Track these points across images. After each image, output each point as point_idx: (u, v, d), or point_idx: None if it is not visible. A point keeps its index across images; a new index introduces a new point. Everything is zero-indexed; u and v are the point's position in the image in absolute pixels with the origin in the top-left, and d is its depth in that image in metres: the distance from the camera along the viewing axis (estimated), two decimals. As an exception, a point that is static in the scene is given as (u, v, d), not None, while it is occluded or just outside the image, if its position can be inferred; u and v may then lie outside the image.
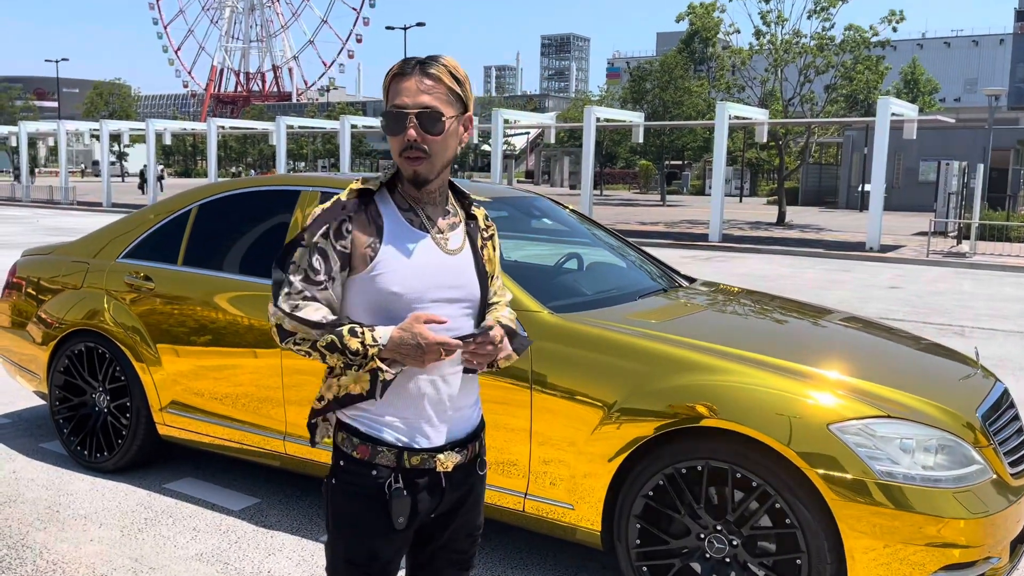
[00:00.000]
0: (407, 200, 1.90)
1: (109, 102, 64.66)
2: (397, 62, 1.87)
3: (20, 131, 36.20)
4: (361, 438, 1.86)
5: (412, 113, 1.80)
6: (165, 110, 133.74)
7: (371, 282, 1.82)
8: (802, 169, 37.68)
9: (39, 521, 3.90)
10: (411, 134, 1.80)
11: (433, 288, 1.86)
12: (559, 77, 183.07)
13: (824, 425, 2.83)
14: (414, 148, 1.81)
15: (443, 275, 1.88)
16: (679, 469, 3.03)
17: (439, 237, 1.90)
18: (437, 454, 1.89)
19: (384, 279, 1.82)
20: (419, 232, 1.88)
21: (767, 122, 22.33)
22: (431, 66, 1.82)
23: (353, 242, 1.83)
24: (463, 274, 1.92)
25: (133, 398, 4.37)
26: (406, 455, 1.86)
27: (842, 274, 15.15)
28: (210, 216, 4.36)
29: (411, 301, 1.83)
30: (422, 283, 1.84)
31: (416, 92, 1.80)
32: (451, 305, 1.89)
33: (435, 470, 1.89)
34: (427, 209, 1.91)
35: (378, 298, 1.83)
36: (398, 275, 1.82)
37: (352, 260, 1.84)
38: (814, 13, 25.68)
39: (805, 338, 3.75)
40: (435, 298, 1.86)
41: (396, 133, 1.82)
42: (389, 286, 1.82)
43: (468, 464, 1.97)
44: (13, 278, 5.00)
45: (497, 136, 23.88)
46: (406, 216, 1.88)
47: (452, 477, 1.93)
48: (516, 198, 4.45)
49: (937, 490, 2.78)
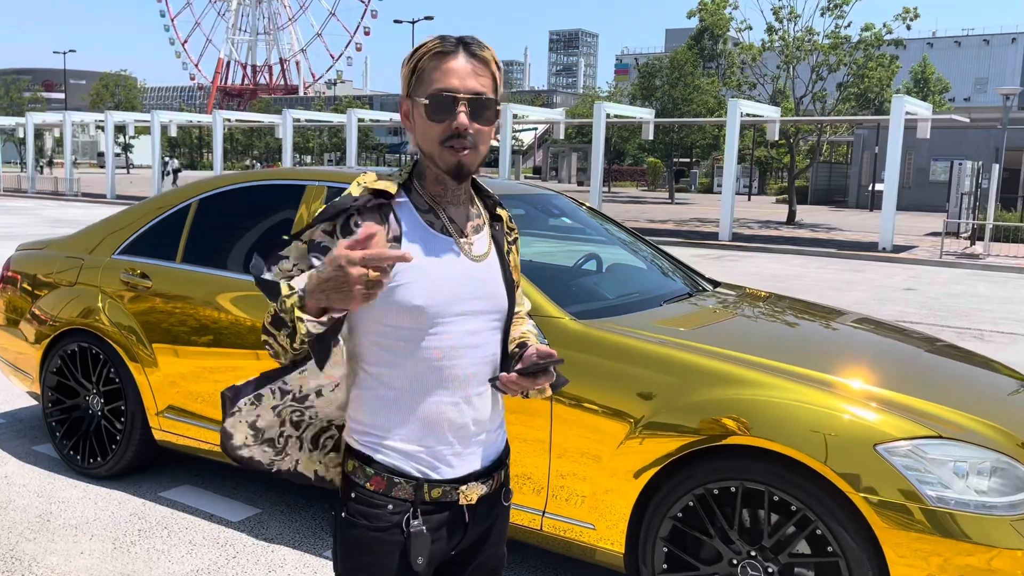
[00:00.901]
0: (427, 200, 1.65)
1: (115, 94, 64.45)
2: (432, 38, 1.61)
3: (27, 122, 36.05)
4: (375, 468, 1.63)
5: (465, 98, 1.57)
6: (171, 102, 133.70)
7: (389, 295, 1.57)
8: (812, 168, 37.34)
9: (29, 530, 3.70)
10: (462, 120, 1.57)
11: (458, 300, 1.62)
12: (567, 73, 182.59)
13: (871, 445, 2.62)
14: (463, 137, 1.58)
15: (469, 285, 1.64)
16: (711, 490, 2.81)
17: (463, 242, 1.66)
18: (460, 485, 1.66)
19: (404, 292, 1.57)
20: (442, 237, 1.64)
21: (779, 120, 22.05)
22: (479, 48, 1.61)
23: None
24: (490, 283, 1.68)
25: (128, 401, 4.17)
26: (426, 487, 1.63)
27: (855, 274, 14.90)
28: (211, 211, 4.15)
29: (434, 316, 1.60)
30: (446, 295, 1.61)
31: (466, 75, 1.58)
32: (477, 318, 1.66)
33: (458, 503, 1.66)
34: (449, 210, 1.67)
35: (397, 313, 1.58)
36: (420, 287, 1.58)
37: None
38: (827, 10, 25.37)
39: (842, 348, 3.53)
40: (460, 311, 1.63)
41: (442, 119, 1.58)
42: (411, 300, 1.57)
43: (493, 495, 1.74)
44: (6, 273, 4.80)
45: (506, 131, 23.65)
46: (426, 218, 1.64)
47: (476, 510, 1.70)
48: (533, 195, 4.23)
49: (992, 517, 2.56)
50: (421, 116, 1.59)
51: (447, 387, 1.64)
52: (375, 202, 1.60)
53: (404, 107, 1.64)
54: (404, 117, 1.65)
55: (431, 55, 1.59)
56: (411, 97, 1.62)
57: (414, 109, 1.61)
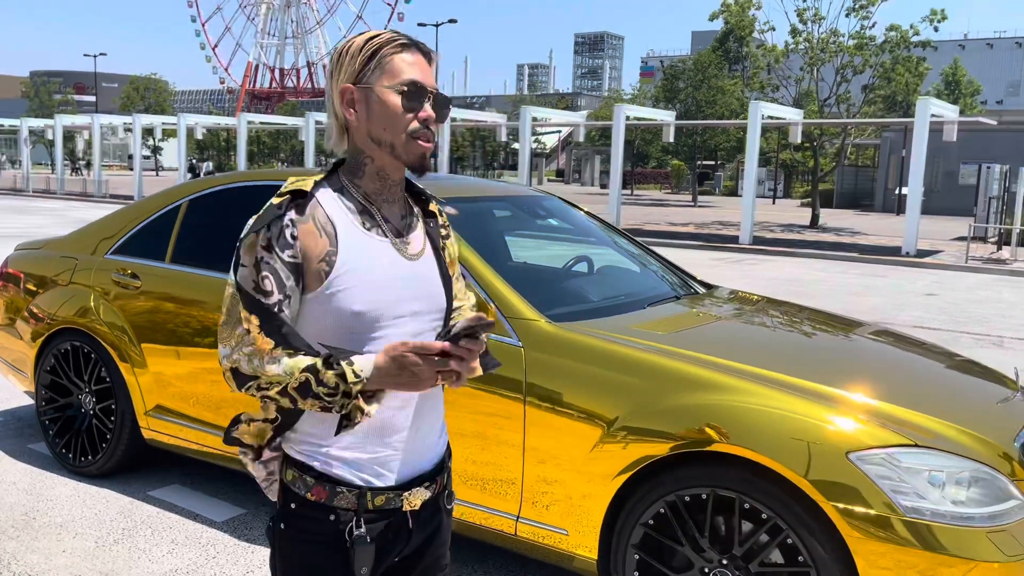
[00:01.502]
0: (360, 199, 1.60)
1: (145, 97, 65.39)
2: (382, 31, 1.60)
3: (56, 124, 36.65)
4: (316, 477, 1.58)
5: (432, 92, 1.58)
6: (201, 105, 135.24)
7: (327, 301, 1.53)
8: (837, 171, 36.92)
9: (13, 528, 3.73)
10: (431, 111, 1.57)
11: (398, 302, 1.59)
12: (592, 76, 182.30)
13: (843, 453, 2.55)
14: (430, 129, 1.58)
15: (408, 286, 1.61)
16: (682, 496, 2.76)
17: (399, 241, 1.62)
18: (403, 492, 1.62)
19: (343, 297, 1.53)
20: (378, 238, 1.59)
21: (801, 122, 21.82)
22: (427, 48, 1.62)
23: (304, 253, 1.53)
24: (428, 282, 1.65)
25: (118, 400, 4.19)
26: (369, 495, 1.59)
27: (876, 279, 14.69)
28: (200, 212, 4.16)
29: (373, 320, 1.56)
30: (386, 298, 1.57)
31: (427, 72, 1.59)
32: (417, 319, 1.62)
33: (401, 509, 1.63)
34: (384, 209, 1.62)
35: (336, 320, 1.54)
36: (359, 291, 1.54)
37: (304, 276, 1.54)
38: (852, 11, 25.07)
39: (828, 354, 3.45)
40: (399, 313, 1.59)
41: (415, 109, 1.56)
42: (350, 305, 1.53)
43: (436, 499, 1.71)
44: (4, 272, 4.85)
45: (525, 134, 23.62)
46: (359, 219, 1.59)
47: (419, 515, 1.67)
48: (520, 196, 4.19)
49: (969, 529, 2.49)
50: (389, 105, 1.55)
51: (391, 392, 1.59)
52: (294, 203, 1.55)
53: (347, 95, 1.58)
54: (347, 106, 1.58)
55: (395, 45, 1.57)
56: (365, 85, 1.56)
57: (370, 97, 1.56)
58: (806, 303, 11.62)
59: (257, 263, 1.52)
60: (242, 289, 1.54)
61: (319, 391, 1.48)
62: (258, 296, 1.52)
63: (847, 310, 10.84)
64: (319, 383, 1.47)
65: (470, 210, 4.01)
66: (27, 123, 38.73)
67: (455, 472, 3.20)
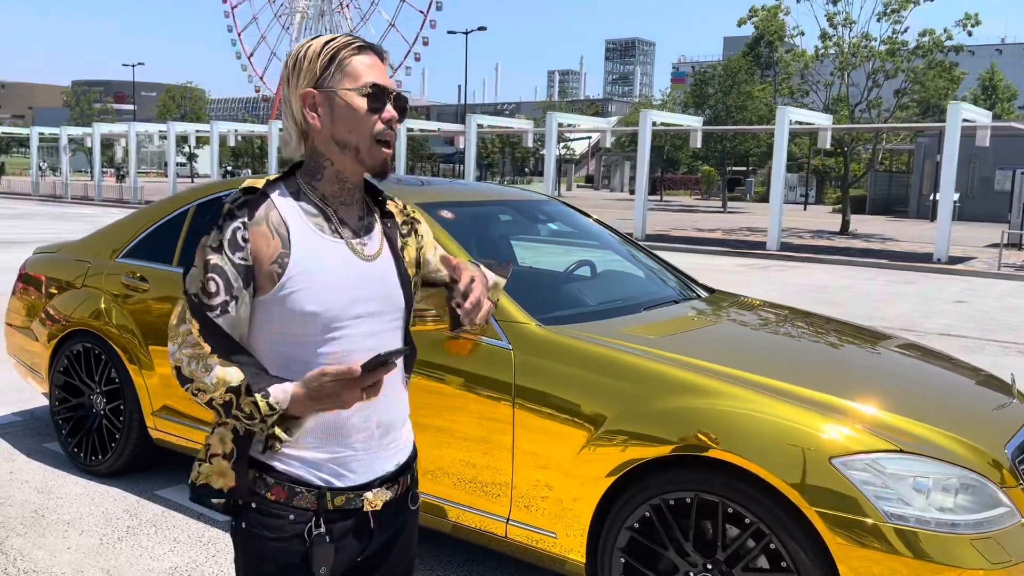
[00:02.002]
0: (317, 202, 1.61)
1: (181, 105, 66.46)
2: (338, 35, 1.62)
3: (94, 133, 37.41)
4: (276, 477, 1.59)
5: (392, 94, 1.58)
6: (236, 113, 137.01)
7: (281, 303, 1.54)
8: (870, 176, 36.47)
9: (22, 525, 3.82)
10: (393, 112, 1.57)
11: (352, 303, 1.59)
12: (623, 82, 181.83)
13: (826, 458, 2.53)
14: (392, 129, 1.58)
15: (364, 286, 1.61)
16: (667, 500, 2.76)
17: (355, 242, 1.63)
18: (364, 492, 1.63)
19: (296, 298, 1.54)
20: (332, 239, 1.60)
21: (831, 127, 21.57)
22: (381, 49, 1.62)
23: (255, 255, 1.54)
24: (384, 282, 1.65)
25: (126, 401, 4.27)
26: (329, 495, 1.59)
27: (905, 286, 14.48)
28: (208, 216, 4.24)
29: (329, 321, 1.56)
30: (341, 298, 1.58)
31: (383, 72, 1.59)
32: (374, 319, 1.63)
33: (362, 510, 1.64)
34: (340, 211, 1.63)
35: (290, 320, 1.55)
36: (312, 292, 1.55)
37: (257, 278, 1.55)
38: (884, 16, 24.77)
39: (819, 359, 3.42)
40: (356, 314, 1.60)
41: (377, 111, 1.56)
42: (303, 306, 1.54)
43: (399, 499, 1.72)
44: (22, 274, 4.97)
45: (551, 140, 23.63)
46: (315, 221, 1.59)
47: (381, 515, 1.68)
48: (519, 201, 4.21)
49: (954, 536, 2.45)
50: (354, 107, 1.55)
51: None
52: (247, 205, 1.55)
53: (308, 100, 1.57)
54: (310, 109, 1.57)
55: (352, 48, 1.58)
56: (327, 89, 1.57)
57: (334, 101, 1.56)
58: (830, 310, 11.44)
59: (205, 264, 1.54)
60: (187, 292, 1.57)
61: (237, 414, 1.52)
62: (203, 298, 1.53)
63: (871, 317, 10.70)
64: (237, 407, 1.51)
65: (474, 214, 4.05)
66: (66, 131, 39.58)
67: (446, 473, 3.22)
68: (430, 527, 3.35)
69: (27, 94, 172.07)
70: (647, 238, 21.77)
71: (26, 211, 28.08)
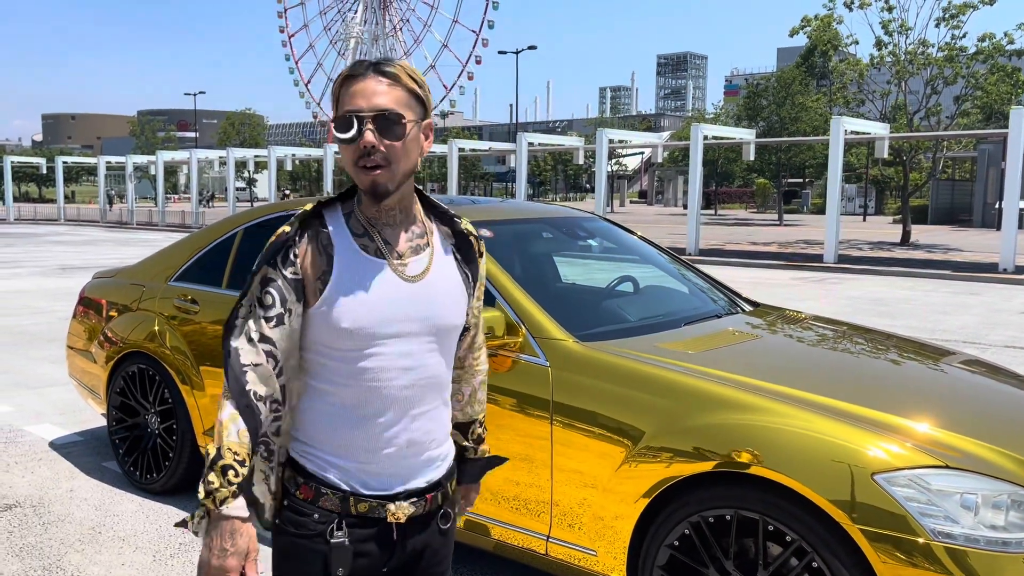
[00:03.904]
0: (363, 223, 1.68)
1: (240, 131, 68.23)
2: (350, 66, 1.66)
3: (157, 160, 38.65)
4: (305, 477, 1.67)
5: (369, 116, 1.59)
6: (293, 138, 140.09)
7: (321, 317, 1.63)
8: (931, 185, 35.55)
9: (80, 542, 3.94)
10: (368, 139, 1.58)
11: (387, 322, 1.64)
12: (675, 96, 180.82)
13: (868, 475, 2.47)
14: (371, 155, 1.60)
15: (401, 307, 1.66)
16: (706, 517, 2.72)
17: (397, 263, 1.67)
18: (388, 503, 1.68)
19: (333, 314, 1.61)
20: (374, 259, 1.66)
21: (887, 136, 21.12)
22: (387, 65, 1.63)
23: (304, 270, 1.64)
24: (427, 303, 1.69)
25: (179, 420, 4.39)
26: (352, 500, 1.66)
27: (969, 298, 14.05)
28: (255, 239, 4.35)
29: (363, 338, 1.63)
30: (376, 317, 1.63)
31: (372, 94, 1.60)
32: (411, 340, 1.67)
33: (385, 520, 1.68)
34: (385, 232, 1.69)
35: (328, 334, 1.63)
36: (347, 309, 1.62)
37: (305, 292, 1.65)
38: (942, 21, 24.21)
39: (867, 374, 3.34)
40: (393, 332, 1.65)
41: (350, 140, 1.60)
42: (338, 322, 1.61)
43: (426, 516, 1.74)
44: (81, 298, 5.16)
45: (602, 156, 23.60)
46: (360, 242, 1.66)
47: (406, 530, 1.71)
48: (559, 218, 4.22)
49: (1005, 555, 2.37)
50: (337, 139, 1.62)
51: (381, 408, 1.66)
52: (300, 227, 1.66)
53: (331, 136, 1.70)
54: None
55: (342, 80, 1.63)
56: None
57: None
58: (888, 323, 11.17)
59: (264, 280, 1.64)
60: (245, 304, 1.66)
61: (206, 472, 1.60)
62: (258, 309, 1.62)
63: (932, 330, 10.41)
64: (209, 468, 1.59)
65: (517, 232, 4.08)
66: (132, 159, 40.96)
67: (488, 491, 3.23)
68: (473, 545, 3.36)
69: (96, 125, 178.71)
70: (700, 252, 21.55)
71: (94, 237, 29.09)
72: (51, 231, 32.55)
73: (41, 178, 69.43)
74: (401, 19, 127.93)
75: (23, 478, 4.77)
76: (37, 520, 4.17)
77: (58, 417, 6.05)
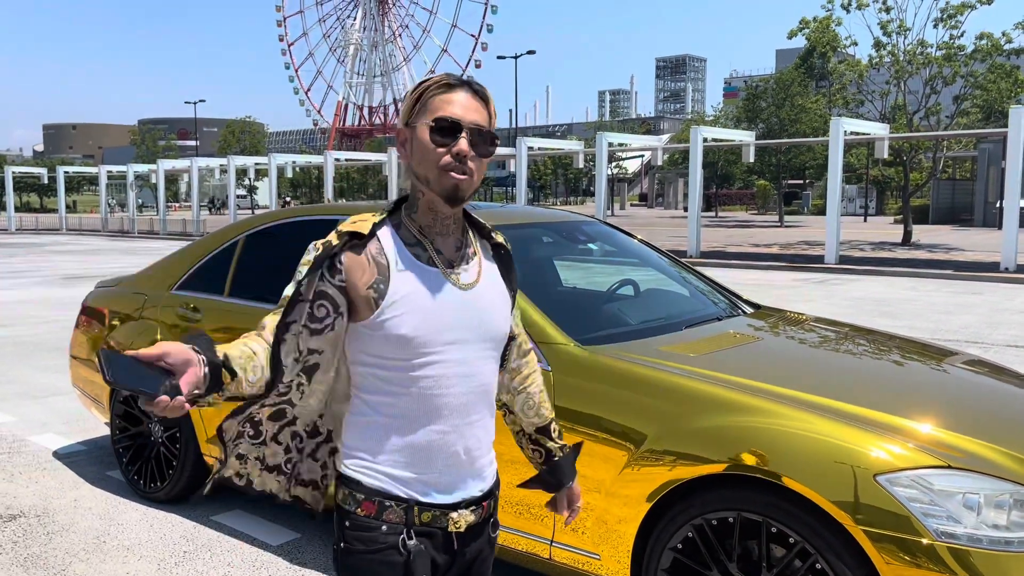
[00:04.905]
0: (415, 233, 1.69)
1: (240, 139, 68.36)
2: (437, 75, 1.69)
3: (158, 169, 38.73)
4: (365, 492, 1.66)
5: (468, 127, 1.62)
6: (294, 145, 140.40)
7: (378, 328, 1.61)
8: (932, 185, 35.54)
9: (84, 551, 3.95)
10: (464, 147, 1.60)
11: (446, 329, 1.65)
12: (675, 99, 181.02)
13: (871, 476, 2.47)
14: (462, 162, 1.61)
15: (457, 314, 1.67)
16: (709, 520, 2.72)
17: (450, 272, 1.68)
18: (450, 511, 1.68)
19: (393, 323, 1.61)
20: (429, 268, 1.66)
21: (887, 137, 21.14)
22: (478, 86, 1.67)
23: (350, 282, 1.62)
24: (479, 311, 1.70)
25: (182, 428, 4.40)
26: (416, 510, 1.65)
27: (971, 297, 14.05)
28: (256, 247, 4.36)
29: (422, 345, 1.63)
30: (433, 325, 1.64)
31: (471, 108, 1.63)
32: (467, 347, 1.68)
33: (447, 529, 1.68)
34: (437, 241, 1.70)
35: (385, 344, 1.62)
36: (408, 318, 1.61)
37: (353, 303, 1.63)
38: (940, 21, 24.23)
39: (867, 375, 3.34)
40: (450, 340, 1.65)
41: (445, 144, 1.61)
42: (398, 330, 1.61)
43: (481, 524, 1.75)
44: (84, 308, 5.17)
45: (602, 160, 23.62)
46: (413, 251, 1.67)
47: (465, 538, 1.71)
48: (559, 223, 4.23)
49: (1009, 554, 2.37)
50: (422, 141, 1.62)
51: (438, 416, 1.66)
52: (351, 243, 1.64)
53: (402, 136, 1.69)
54: (400, 146, 1.69)
55: (437, 87, 1.64)
56: (411, 126, 1.66)
57: (414, 136, 1.65)
58: (890, 323, 11.18)
59: (317, 294, 1.61)
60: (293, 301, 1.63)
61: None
62: (310, 324, 1.61)
63: (935, 330, 10.41)
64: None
65: (517, 237, 4.08)
66: (133, 168, 41.05)
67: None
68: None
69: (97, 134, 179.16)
70: (702, 255, 21.55)
71: (96, 247, 29.14)
72: (53, 241, 32.61)
73: (42, 188, 69.57)
74: (400, 25, 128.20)
75: (27, 488, 4.77)
76: (42, 530, 4.18)
77: (62, 427, 6.06)
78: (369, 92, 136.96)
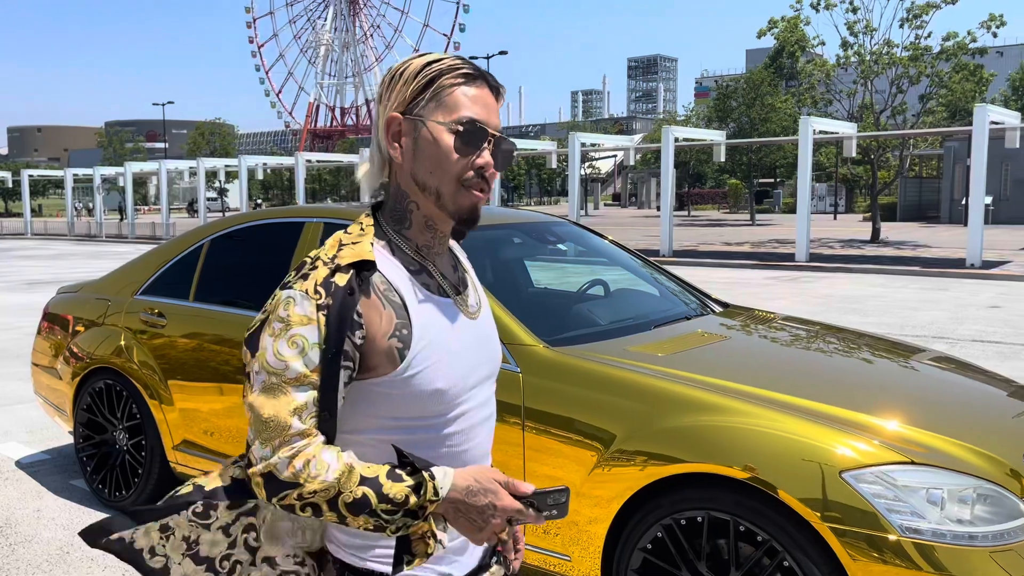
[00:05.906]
0: (413, 255, 1.36)
1: (210, 141, 67.68)
2: (448, 56, 1.33)
3: (126, 171, 38.20)
4: None
5: (495, 135, 1.32)
6: (265, 147, 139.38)
7: (405, 385, 1.29)
8: (899, 183, 36.00)
9: (47, 563, 3.87)
10: (488, 158, 1.32)
11: (472, 370, 1.38)
12: (647, 99, 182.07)
13: (836, 472, 2.49)
14: (484, 178, 1.32)
15: (477, 350, 1.40)
16: (678, 520, 2.72)
17: (459, 299, 1.40)
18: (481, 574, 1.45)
19: (424, 377, 1.29)
20: (442, 300, 1.36)
21: (855, 136, 21.38)
22: (496, 82, 1.36)
23: (369, 334, 1.28)
24: (488, 339, 1.44)
25: (148, 436, 4.33)
26: None
27: (938, 293, 14.24)
28: (221, 250, 4.30)
29: (455, 396, 1.34)
30: (463, 367, 1.35)
31: (491, 109, 1.33)
32: (486, 385, 1.43)
33: None
34: (437, 263, 1.40)
35: (413, 403, 1.30)
36: (441, 366, 1.31)
37: (368, 358, 1.28)
38: (906, 21, 24.58)
39: (837, 373, 3.37)
40: (473, 383, 1.38)
41: (470, 153, 1.30)
42: (432, 383, 1.30)
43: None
44: (45, 314, 5.07)
45: (574, 160, 23.68)
46: (420, 280, 1.35)
47: None
48: (529, 223, 4.22)
49: (972, 549, 2.39)
50: (440, 144, 1.30)
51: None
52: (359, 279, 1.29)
53: (393, 126, 1.33)
54: (392, 138, 1.33)
55: (457, 75, 1.31)
56: (416, 117, 1.32)
57: (422, 134, 1.31)
58: (859, 319, 11.30)
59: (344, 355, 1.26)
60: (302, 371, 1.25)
61: (380, 508, 1.20)
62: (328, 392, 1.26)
63: (903, 325, 10.53)
64: (383, 499, 1.20)
65: (487, 238, 4.06)
66: (99, 171, 40.46)
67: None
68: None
69: (63, 137, 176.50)
70: (675, 254, 21.67)
71: (62, 251, 28.68)
72: (18, 246, 32.05)
73: (7, 192, 68.40)
74: (372, 25, 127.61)
75: (-11, 499, 4.68)
76: (4, 541, 4.09)
77: (24, 435, 5.95)
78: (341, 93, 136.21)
